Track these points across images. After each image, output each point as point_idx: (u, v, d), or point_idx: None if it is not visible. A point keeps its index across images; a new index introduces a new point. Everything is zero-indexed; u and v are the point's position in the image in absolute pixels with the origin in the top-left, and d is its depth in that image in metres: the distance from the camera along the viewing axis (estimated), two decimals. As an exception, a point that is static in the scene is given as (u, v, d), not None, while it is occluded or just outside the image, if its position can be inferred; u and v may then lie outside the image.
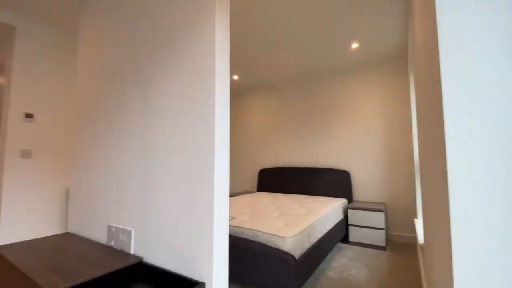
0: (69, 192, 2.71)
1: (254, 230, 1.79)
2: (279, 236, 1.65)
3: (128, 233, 1.31)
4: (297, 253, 1.69)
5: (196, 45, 1.15)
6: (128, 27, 1.55)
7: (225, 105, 1.12)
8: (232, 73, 3.88)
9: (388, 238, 3.25)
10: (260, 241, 1.73)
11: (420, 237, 2.06)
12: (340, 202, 3.06)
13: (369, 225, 2.91)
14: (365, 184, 3.41)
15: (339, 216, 2.89)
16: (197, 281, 1.03)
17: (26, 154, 2.43)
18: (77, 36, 2.83)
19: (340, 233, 2.79)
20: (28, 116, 2.45)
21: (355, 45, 3.03)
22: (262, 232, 1.74)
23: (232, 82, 4.30)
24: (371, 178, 3.40)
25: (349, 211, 3.04)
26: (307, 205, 2.76)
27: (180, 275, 1.09)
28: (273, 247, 1.65)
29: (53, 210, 2.61)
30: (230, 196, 3.80)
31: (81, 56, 1.97)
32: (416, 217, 3.07)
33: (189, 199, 1.10)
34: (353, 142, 3.55)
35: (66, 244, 1.48)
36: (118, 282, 1.14)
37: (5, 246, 1.43)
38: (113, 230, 1.40)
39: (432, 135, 0.93)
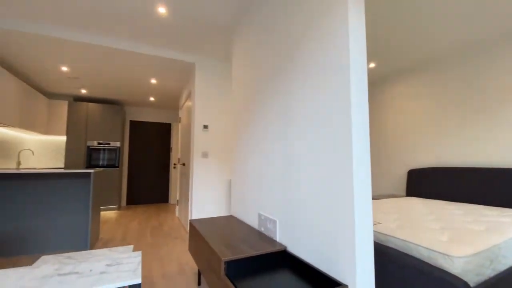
0: (230, 183, 3.44)
1: (405, 241, 1.52)
2: (444, 254, 1.31)
3: (274, 222, 1.48)
4: (472, 280, 1.28)
5: (326, 40, 1.14)
6: (262, 47, 1.76)
7: (363, 100, 1.03)
8: (367, 60, 3.52)
9: None
10: (414, 255, 1.45)
11: None
12: (555, 221, 2.02)
13: None
14: None
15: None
16: (340, 282, 1.01)
17: (204, 155, 3.32)
18: (232, 67, 3.54)
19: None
20: (205, 127, 3.34)
21: None
22: (417, 244, 1.45)
23: (368, 70, 3.89)
24: None
25: None
26: (487, 219, 2.03)
27: (322, 272, 1.10)
28: (433, 265, 1.34)
29: (221, 196, 3.40)
30: (372, 198, 3.43)
31: (234, 78, 2.45)
32: None
33: (328, 198, 1.10)
34: None
35: (230, 224, 1.88)
36: (267, 264, 1.32)
37: (195, 220, 2.00)
38: (262, 218, 1.63)
39: None
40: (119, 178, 4.95)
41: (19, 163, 3.33)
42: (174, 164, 5.94)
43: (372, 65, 3.64)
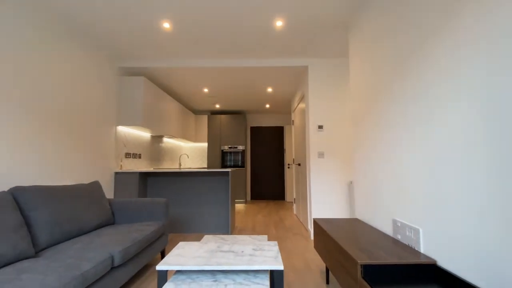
0: (351, 184, 3.29)
1: None
2: None
3: (416, 231, 1.31)
4: None
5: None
6: (389, 33, 1.59)
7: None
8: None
9: None
10: None
11: None
12: None
13: None
14: None
15: None
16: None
17: (320, 155, 3.34)
18: (349, 61, 3.39)
19: None
20: (320, 127, 3.36)
21: None
22: None
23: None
24: None
25: None
26: None
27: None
28: None
29: (340, 197, 3.31)
30: None
31: (353, 73, 2.34)
32: None
33: (494, 207, 0.88)
34: None
35: (357, 227, 1.81)
36: (409, 275, 1.19)
37: (320, 220, 2.05)
38: (398, 224, 1.48)
39: None
40: (244, 176, 5.73)
41: (180, 164, 4.51)
42: (288, 164, 6.27)
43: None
